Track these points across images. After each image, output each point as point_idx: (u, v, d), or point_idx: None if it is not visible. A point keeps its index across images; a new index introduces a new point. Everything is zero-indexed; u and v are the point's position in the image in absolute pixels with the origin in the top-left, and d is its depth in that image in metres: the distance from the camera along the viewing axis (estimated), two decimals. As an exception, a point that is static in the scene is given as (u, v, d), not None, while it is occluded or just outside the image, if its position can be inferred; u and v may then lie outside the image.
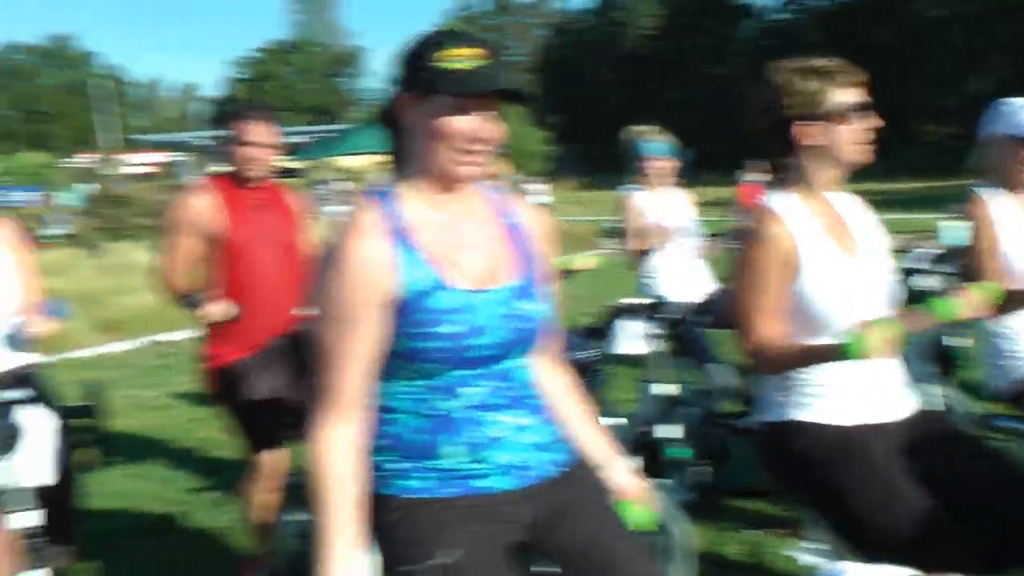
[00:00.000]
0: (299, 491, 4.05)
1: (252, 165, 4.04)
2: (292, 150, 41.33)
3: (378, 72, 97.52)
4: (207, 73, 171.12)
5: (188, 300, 3.95)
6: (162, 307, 12.67)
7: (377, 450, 2.16)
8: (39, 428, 2.96)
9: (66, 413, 3.25)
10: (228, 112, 4.09)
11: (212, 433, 6.93)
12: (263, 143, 4.03)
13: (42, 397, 3.20)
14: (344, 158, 29.10)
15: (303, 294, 4.13)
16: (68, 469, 3.47)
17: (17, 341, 3.53)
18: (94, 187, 27.52)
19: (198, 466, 6.24)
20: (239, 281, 4.02)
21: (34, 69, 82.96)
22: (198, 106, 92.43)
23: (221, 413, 4.25)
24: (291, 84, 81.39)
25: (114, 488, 5.73)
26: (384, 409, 2.17)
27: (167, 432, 7.11)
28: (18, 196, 31.87)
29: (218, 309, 3.95)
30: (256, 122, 4.01)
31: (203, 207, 4.01)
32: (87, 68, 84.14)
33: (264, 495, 4.06)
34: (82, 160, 40.31)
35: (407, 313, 2.06)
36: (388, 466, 2.15)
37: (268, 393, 4.00)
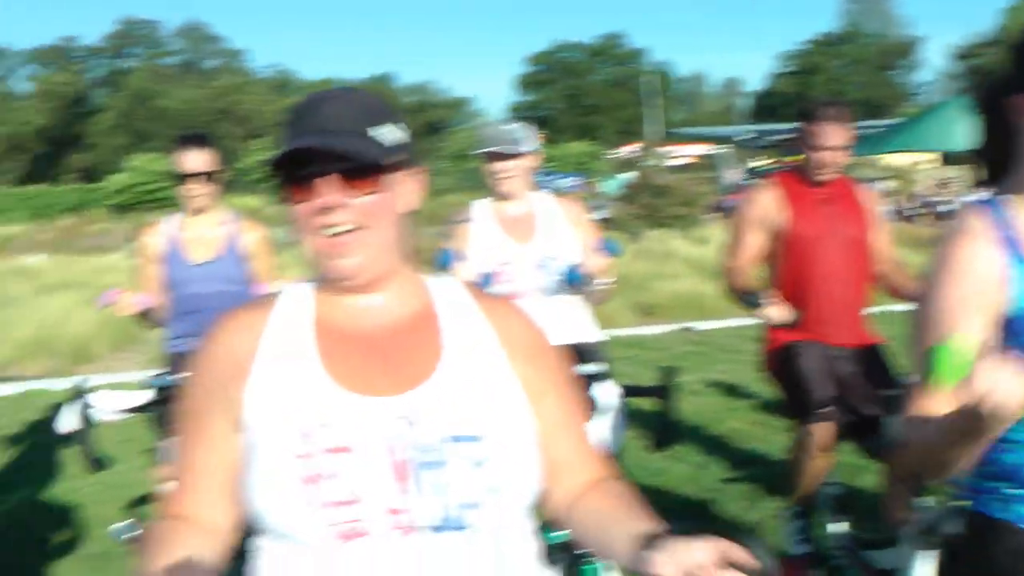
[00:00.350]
0: (838, 501, 3.87)
1: (824, 169, 3.91)
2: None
3: (934, 63, 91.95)
4: (751, 68, 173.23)
5: (749, 299, 3.88)
6: (698, 295, 13.02)
7: (990, 476, 1.96)
8: (608, 402, 3.08)
9: (630, 391, 3.36)
10: (803, 110, 3.98)
11: (745, 425, 6.96)
12: (837, 146, 3.87)
13: (609, 372, 3.34)
14: (891, 156, 27.88)
15: (871, 292, 3.96)
16: (621, 444, 3.61)
17: (577, 278, 3.72)
18: (633, 176, 28.84)
19: (730, 456, 6.27)
20: (804, 278, 3.91)
21: (586, 66, 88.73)
22: (740, 101, 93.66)
23: (775, 388, 4.13)
24: (839, 77, 79.30)
25: (653, 465, 5.92)
26: (1001, 439, 1.95)
27: (701, 418, 7.22)
28: (562, 182, 34.49)
29: (778, 312, 3.83)
30: (832, 124, 3.85)
31: (770, 203, 3.97)
32: (636, 64, 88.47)
33: (812, 473, 3.86)
34: (625, 151, 42.52)
35: (1015, 334, 1.85)
36: (1005, 491, 1.95)
37: (827, 378, 3.82)
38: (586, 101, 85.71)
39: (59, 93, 77.90)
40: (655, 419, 3.26)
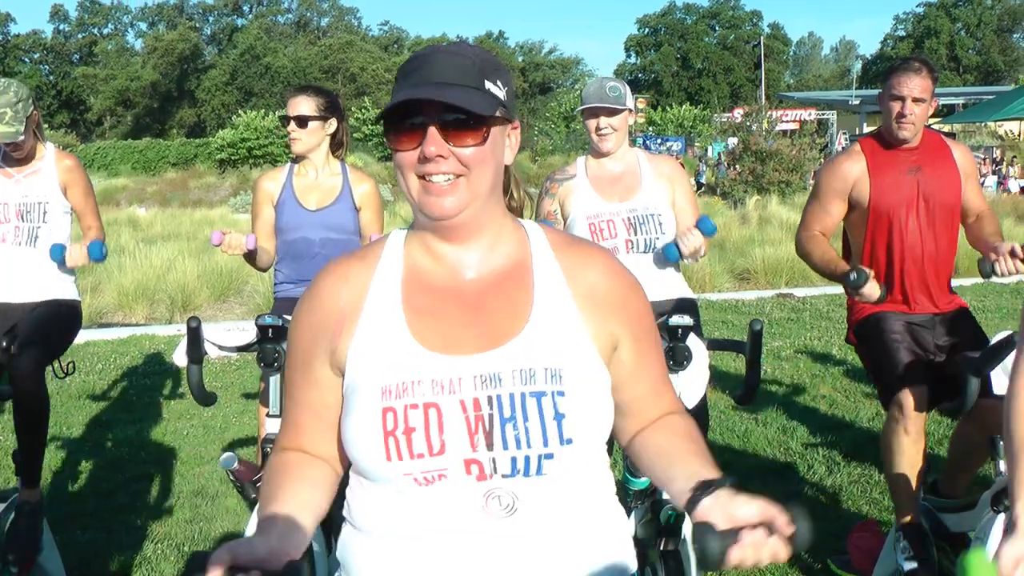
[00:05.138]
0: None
1: (901, 123, 3.71)
2: (947, 112, 39.19)
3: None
4: (867, 32, 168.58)
5: (848, 277, 3.62)
6: (797, 261, 12.89)
7: None
8: (697, 354, 3.14)
9: (712, 345, 3.41)
10: (884, 69, 3.86)
11: (833, 392, 6.94)
12: (913, 96, 3.67)
13: (698, 326, 3.38)
14: (1006, 123, 26.96)
15: (952, 259, 3.85)
16: (705, 399, 3.65)
17: (674, 255, 3.77)
18: (736, 140, 28.35)
19: (816, 421, 6.25)
20: (887, 248, 3.79)
21: (699, 28, 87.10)
22: (853, 65, 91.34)
23: (863, 356, 4.03)
24: (956, 41, 77.19)
25: (739, 427, 6.02)
26: None
27: (790, 383, 7.24)
28: (667, 145, 34.35)
29: (876, 289, 3.60)
30: (908, 74, 3.68)
31: (851, 171, 3.83)
32: (748, 28, 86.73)
33: (910, 444, 3.61)
34: (732, 115, 41.97)
35: None
36: None
37: (912, 352, 3.69)
38: (695, 65, 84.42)
39: (171, 49, 79.51)
40: (749, 378, 3.28)
